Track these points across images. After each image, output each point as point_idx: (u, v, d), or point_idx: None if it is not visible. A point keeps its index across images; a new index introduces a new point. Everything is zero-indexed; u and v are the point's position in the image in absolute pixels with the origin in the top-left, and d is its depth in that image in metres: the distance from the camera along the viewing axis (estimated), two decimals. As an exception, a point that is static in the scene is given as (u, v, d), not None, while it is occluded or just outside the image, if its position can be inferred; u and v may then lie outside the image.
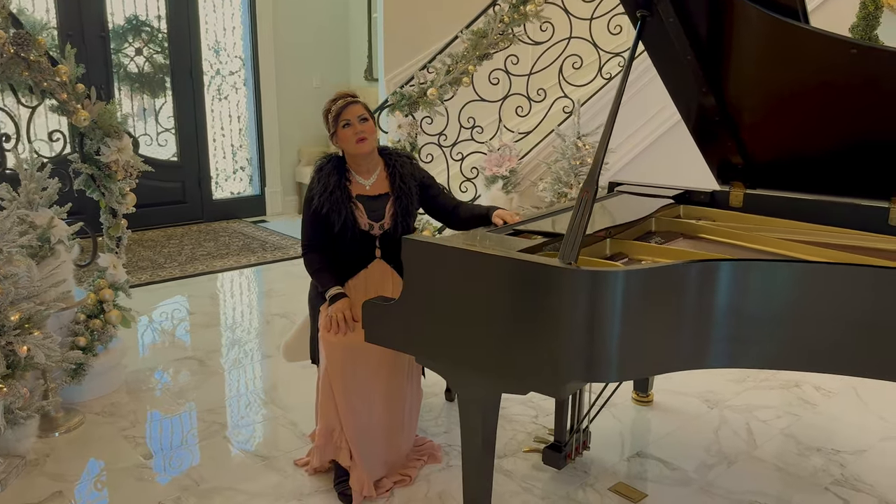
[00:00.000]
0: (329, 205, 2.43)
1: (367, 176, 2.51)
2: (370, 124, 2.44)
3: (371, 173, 2.52)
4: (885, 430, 2.96)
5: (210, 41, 6.41)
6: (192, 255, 5.52)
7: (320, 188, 2.46)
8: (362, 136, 2.41)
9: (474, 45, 4.28)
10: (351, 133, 2.42)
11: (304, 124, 6.99)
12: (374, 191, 2.51)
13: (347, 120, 2.41)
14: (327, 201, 2.43)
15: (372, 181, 2.51)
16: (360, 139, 2.41)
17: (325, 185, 2.45)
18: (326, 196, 2.43)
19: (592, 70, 4.54)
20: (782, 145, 2.44)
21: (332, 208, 2.42)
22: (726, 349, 1.76)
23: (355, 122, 2.41)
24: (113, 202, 3.29)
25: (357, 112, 2.42)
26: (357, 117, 2.42)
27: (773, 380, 3.43)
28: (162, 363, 3.57)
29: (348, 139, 2.42)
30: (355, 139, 2.41)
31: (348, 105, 2.43)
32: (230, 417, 3.03)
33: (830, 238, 2.42)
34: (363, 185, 2.50)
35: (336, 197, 2.43)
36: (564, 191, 4.11)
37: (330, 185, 2.44)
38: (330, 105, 2.46)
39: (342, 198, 2.44)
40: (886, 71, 1.85)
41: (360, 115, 2.42)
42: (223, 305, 4.57)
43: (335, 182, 2.45)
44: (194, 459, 2.71)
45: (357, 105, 2.44)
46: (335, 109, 2.43)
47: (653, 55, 2.23)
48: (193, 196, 6.52)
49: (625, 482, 2.57)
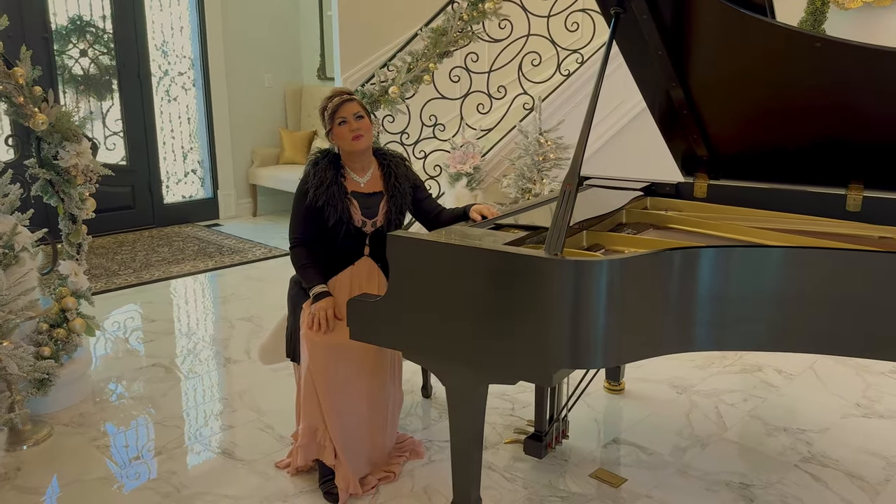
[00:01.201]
0: (325, 198, 2.47)
1: (362, 174, 2.56)
2: (366, 122, 2.50)
3: (366, 171, 2.57)
4: (844, 408, 3.13)
5: (157, 41, 6.32)
6: (147, 261, 5.44)
7: (316, 181, 2.49)
8: (358, 134, 2.46)
9: (434, 42, 4.34)
10: (347, 130, 2.47)
11: (256, 125, 6.94)
12: (369, 188, 2.56)
13: (343, 117, 2.46)
14: (323, 194, 2.47)
15: (366, 179, 2.56)
16: (357, 136, 2.46)
17: (321, 179, 2.49)
18: (323, 189, 2.47)
19: (551, 66, 4.65)
20: (746, 137, 2.57)
21: (328, 201, 2.47)
22: (710, 332, 1.86)
23: (351, 119, 2.46)
24: (72, 208, 3.25)
25: (353, 109, 2.47)
26: (353, 115, 2.47)
27: (736, 364, 3.58)
28: (128, 371, 3.53)
29: (344, 136, 2.47)
30: (351, 136, 2.46)
31: (344, 102, 2.48)
32: (204, 423, 3.03)
33: (793, 225, 2.55)
34: (358, 183, 2.55)
35: (333, 191, 2.47)
36: (528, 186, 4.21)
37: (327, 179, 2.48)
38: (326, 102, 2.51)
39: (338, 192, 2.48)
40: (848, 64, 1.98)
41: (355, 113, 2.47)
42: (184, 311, 4.53)
43: (332, 176, 2.49)
44: (172, 466, 2.70)
45: (353, 103, 2.49)
46: (331, 107, 2.48)
47: (625, 51, 2.33)
48: (144, 201, 6.41)
49: (604, 468, 2.66)
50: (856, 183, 2.57)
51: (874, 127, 2.29)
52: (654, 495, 2.50)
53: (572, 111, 4.55)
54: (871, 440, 2.86)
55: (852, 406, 3.14)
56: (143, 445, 2.85)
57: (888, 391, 3.28)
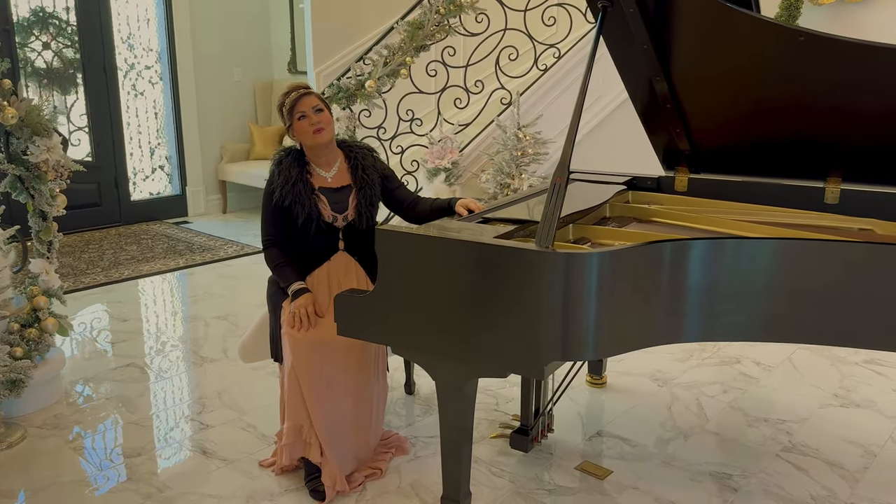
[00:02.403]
0: (292, 196, 2.46)
1: (328, 168, 2.56)
2: (326, 114, 2.50)
3: (331, 165, 2.57)
4: (822, 398, 3.22)
5: (123, 34, 6.23)
6: (115, 259, 5.37)
7: (281, 181, 2.49)
8: (319, 127, 2.47)
9: (411, 36, 4.36)
10: (307, 124, 2.47)
11: (225, 120, 6.88)
12: (336, 183, 2.56)
13: (303, 112, 2.46)
14: (289, 193, 2.47)
15: (333, 173, 2.56)
16: (317, 130, 2.46)
17: (286, 178, 2.48)
18: (289, 188, 2.47)
19: (527, 61, 4.69)
20: (727, 131, 2.63)
21: (295, 200, 2.46)
22: (699, 324, 1.91)
23: (310, 113, 2.46)
24: (43, 204, 3.20)
25: (311, 103, 2.47)
26: (312, 108, 2.47)
27: (715, 357, 3.66)
28: (102, 372, 3.49)
29: (305, 131, 2.47)
30: (312, 130, 2.46)
31: (302, 97, 2.47)
32: (183, 423, 3.01)
33: (773, 217, 2.62)
34: (324, 178, 2.55)
35: (298, 189, 2.47)
36: (507, 181, 4.24)
37: (292, 178, 2.48)
38: (283, 98, 2.50)
39: (304, 190, 2.48)
40: (830, 58, 2.04)
41: (314, 106, 2.47)
42: (156, 311, 4.48)
43: (297, 174, 2.49)
44: (152, 467, 2.68)
45: (311, 96, 2.49)
46: (289, 102, 2.48)
47: (610, 45, 2.37)
48: (110, 198, 6.32)
49: (589, 461, 2.71)
50: (834, 176, 2.64)
51: (853, 120, 2.36)
52: (640, 486, 2.55)
53: (550, 106, 4.59)
54: (848, 429, 2.95)
55: (830, 396, 3.23)
56: (121, 447, 2.82)
57: (863, 381, 3.37)
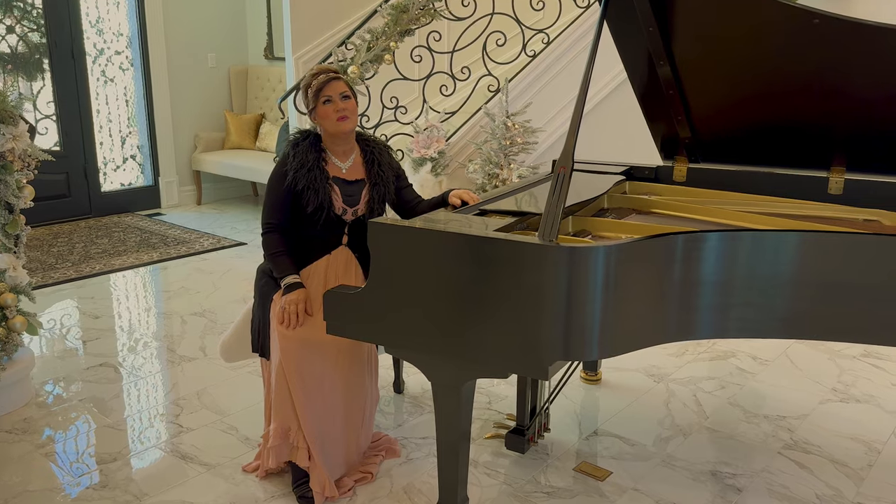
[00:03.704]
0: (306, 181, 2.38)
1: (344, 159, 2.48)
2: (352, 103, 2.42)
3: (347, 157, 2.49)
4: (822, 393, 3.19)
5: (92, 17, 6.05)
6: (86, 253, 5.22)
7: (297, 164, 2.40)
8: (344, 115, 2.38)
9: (395, 20, 4.27)
10: (332, 110, 2.38)
11: (200, 108, 6.73)
12: (351, 175, 2.48)
13: (329, 96, 2.38)
14: (304, 177, 2.38)
15: (348, 165, 2.48)
16: (342, 117, 2.38)
17: (301, 161, 2.40)
18: (304, 172, 2.38)
19: (515, 46, 4.61)
20: (730, 118, 2.58)
21: (308, 185, 2.38)
22: (713, 319, 1.85)
23: (337, 98, 2.38)
24: (9, 196, 3.10)
25: (340, 89, 2.39)
26: (339, 94, 2.39)
27: (710, 351, 3.62)
28: (74, 372, 3.37)
29: (329, 116, 2.38)
30: (336, 117, 2.38)
31: (331, 80, 2.39)
32: (161, 426, 2.91)
33: (777, 208, 2.57)
34: (339, 168, 2.47)
35: (315, 175, 2.39)
36: (495, 171, 4.16)
37: (308, 162, 2.39)
38: (311, 79, 2.41)
39: (320, 177, 2.40)
40: (843, 41, 1.99)
41: (342, 93, 2.39)
42: (130, 307, 4.36)
43: (313, 160, 2.41)
44: (129, 472, 2.58)
45: (340, 81, 2.41)
46: (317, 84, 2.39)
47: (614, 28, 2.30)
48: (79, 189, 6.16)
49: (588, 461, 2.65)
50: (837, 165, 2.60)
51: (861, 107, 2.32)
52: (641, 488, 2.50)
53: (539, 93, 4.52)
54: (850, 425, 2.92)
55: (829, 391, 3.21)
56: (96, 451, 2.72)
57: (862, 375, 3.35)
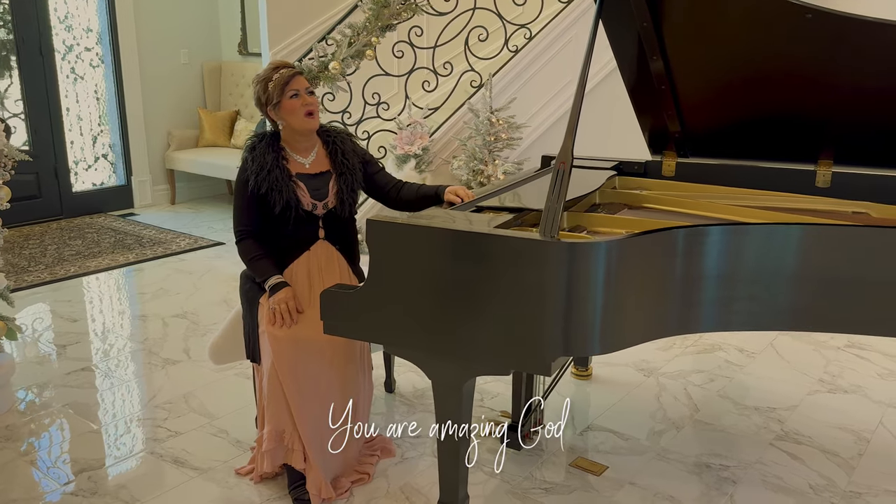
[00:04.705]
0: (268, 184, 2.38)
1: (306, 154, 2.49)
2: (315, 99, 2.44)
3: (309, 152, 2.50)
4: (810, 385, 3.26)
5: (60, 13, 5.95)
6: (60, 255, 5.15)
7: (256, 167, 2.40)
8: (312, 110, 2.40)
9: (376, 14, 4.25)
10: (299, 104, 2.39)
11: (173, 105, 6.66)
12: (314, 169, 2.48)
13: (296, 90, 2.38)
14: (265, 180, 2.38)
15: (311, 159, 2.49)
16: (311, 112, 2.40)
17: (260, 165, 2.40)
18: (265, 175, 2.38)
19: (497, 41, 4.62)
20: (719, 112, 2.62)
21: (271, 187, 2.38)
22: (715, 313, 1.88)
23: (303, 93, 2.39)
24: (-15, 198, 3.04)
25: (304, 84, 2.41)
26: (304, 89, 2.40)
27: (698, 345, 3.68)
28: (54, 377, 3.32)
29: (296, 111, 2.39)
30: (304, 111, 2.39)
31: (295, 75, 2.41)
32: (149, 430, 2.88)
33: (767, 202, 2.62)
34: (301, 164, 2.47)
35: (275, 175, 2.39)
36: (480, 168, 4.18)
37: (267, 164, 2.39)
38: (271, 73, 2.41)
39: (281, 176, 2.40)
40: (836, 36, 2.03)
41: (307, 88, 2.41)
42: (109, 309, 4.31)
43: (272, 160, 2.40)
44: (119, 479, 2.56)
45: (303, 77, 2.43)
46: (280, 78, 2.39)
47: (608, 24, 2.32)
48: (50, 189, 6.06)
49: (583, 457, 2.68)
50: (825, 158, 2.65)
51: (849, 100, 2.37)
52: (637, 482, 2.53)
53: (522, 89, 4.54)
54: (838, 415, 2.99)
55: (816, 382, 3.28)
56: (83, 458, 2.69)
57: (847, 366, 3.43)
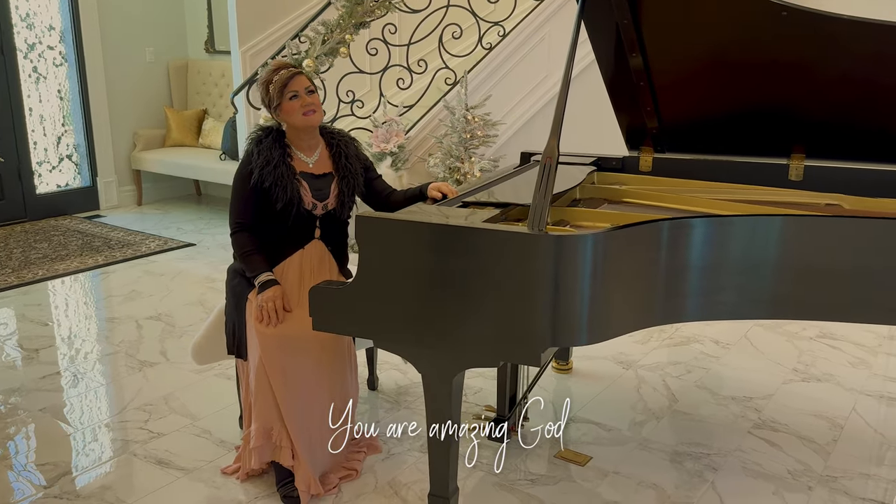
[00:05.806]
0: (273, 179, 2.41)
1: (310, 153, 2.52)
2: (317, 97, 2.48)
3: (313, 151, 2.53)
4: (784, 374, 3.37)
5: (21, 11, 5.88)
6: (26, 258, 5.09)
7: (262, 161, 2.43)
8: (311, 109, 2.43)
9: (349, 12, 4.30)
10: (298, 105, 2.42)
11: (139, 104, 6.61)
12: (318, 169, 2.52)
13: (295, 91, 2.41)
14: (271, 175, 2.41)
15: (314, 159, 2.53)
16: (309, 111, 2.42)
17: (267, 159, 2.42)
18: (270, 169, 2.42)
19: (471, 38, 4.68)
20: (696, 108, 2.71)
21: (276, 182, 2.41)
22: (699, 303, 1.96)
23: (303, 93, 2.42)
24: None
25: (304, 83, 2.44)
26: (304, 89, 2.43)
27: (674, 337, 3.77)
28: (28, 382, 3.30)
29: (295, 111, 2.42)
30: (303, 111, 2.42)
31: (295, 76, 2.44)
32: (131, 432, 2.89)
33: (743, 195, 2.72)
34: (306, 163, 2.50)
35: (281, 171, 2.42)
36: (456, 165, 4.24)
37: (274, 159, 2.42)
38: (272, 75, 2.44)
39: (287, 173, 2.43)
40: (810, 33, 2.13)
41: (307, 87, 2.44)
42: (81, 312, 4.28)
43: (279, 156, 2.43)
44: (104, 481, 2.57)
45: (303, 76, 2.46)
46: (280, 80, 2.42)
47: (588, 22, 2.39)
48: (13, 191, 5.98)
49: (568, 448, 2.75)
50: (797, 152, 2.76)
51: (820, 95, 2.47)
52: (621, 471, 2.61)
53: (497, 86, 4.61)
54: (813, 403, 3.10)
55: (790, 372, 3.39)
56: (64, 461, 2.69)
57: (820, 355, 3.55)
